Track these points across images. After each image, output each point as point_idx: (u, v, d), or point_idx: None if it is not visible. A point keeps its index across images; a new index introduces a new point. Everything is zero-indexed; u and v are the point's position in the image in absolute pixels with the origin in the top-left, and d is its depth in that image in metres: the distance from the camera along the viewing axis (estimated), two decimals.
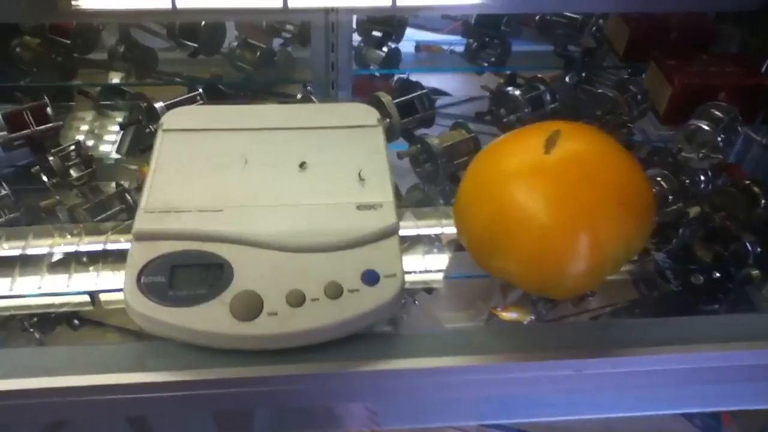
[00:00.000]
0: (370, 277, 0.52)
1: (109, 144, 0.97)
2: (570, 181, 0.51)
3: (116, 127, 0.97)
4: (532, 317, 0.88)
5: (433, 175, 0.87)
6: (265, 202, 0.56)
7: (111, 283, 0.73)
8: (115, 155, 0.94)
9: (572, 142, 0.53)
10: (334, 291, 0.52)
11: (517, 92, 0.96)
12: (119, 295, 0.74)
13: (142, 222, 0.54)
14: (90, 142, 0.97)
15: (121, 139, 0.98)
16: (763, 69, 1.05)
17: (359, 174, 0.59)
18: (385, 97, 0.91)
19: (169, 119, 0.64)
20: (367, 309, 0.51)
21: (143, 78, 1.06)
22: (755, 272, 0.84)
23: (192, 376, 0.51)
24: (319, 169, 0.60)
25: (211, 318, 0.50)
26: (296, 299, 0.51)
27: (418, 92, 0.95)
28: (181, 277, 0.52)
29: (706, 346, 0.53)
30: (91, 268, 0.75)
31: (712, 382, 0.57)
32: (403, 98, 0.93)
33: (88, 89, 1.04)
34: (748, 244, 0.84)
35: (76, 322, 0.83)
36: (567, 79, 1.20)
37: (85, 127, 1.01)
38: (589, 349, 0.53)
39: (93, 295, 0.80)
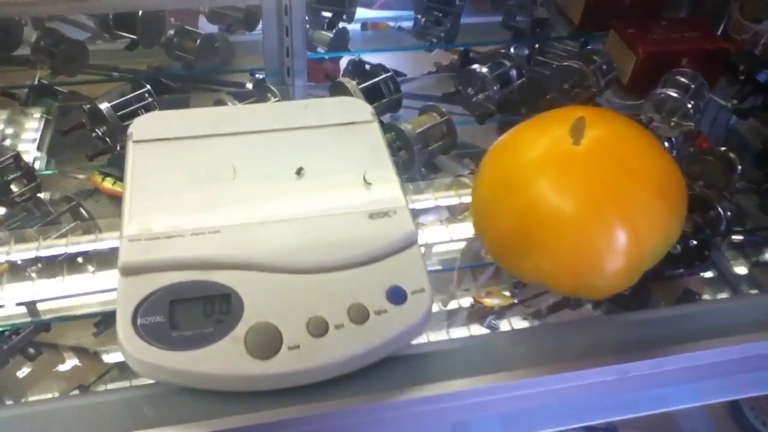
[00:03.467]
0: (397, 295, 0.47)
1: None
2: (604, 173, 0.48)
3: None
4: (515, 301, 0.85)
5: (408, 162, 0.82)
6: (265, 217, 0.50)
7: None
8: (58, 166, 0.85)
9: (598, 129, 0.49)
10: (360, 314, 0.46)
11: (484, 70, 0.91)
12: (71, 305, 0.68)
13: (128, 253, 0.47)
14: (24, 152, 0.86)
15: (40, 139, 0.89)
16: (719, 31, 1.04)
17: (364, 177, 0.53)
18: (350, 83, 0.85)
19: (138, 128, 0.56)
20: (398, 331, 0.46)
21: (74, 74, 0.96)
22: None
23: (206, 427, 0.44)
24: (318, 175, 0.53)
25: (225, 359, 0.44)
26: (318, 328, 0.45)
27: (383, 75, 0.89)
28: (183, 313, 0.45)
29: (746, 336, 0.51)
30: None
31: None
32: (369, 83, 0.88)
33: (15, 91, 0.93)
34: (720, 210, 0.84)
35: (31, 350, 0.76)
36: (512, 49, 1.17)
37: (10, 132, 0.90)
38: (631, 352, 0.50)
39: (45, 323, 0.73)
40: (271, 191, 0.52)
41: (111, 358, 0.82)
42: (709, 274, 0.90)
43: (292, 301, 0.46)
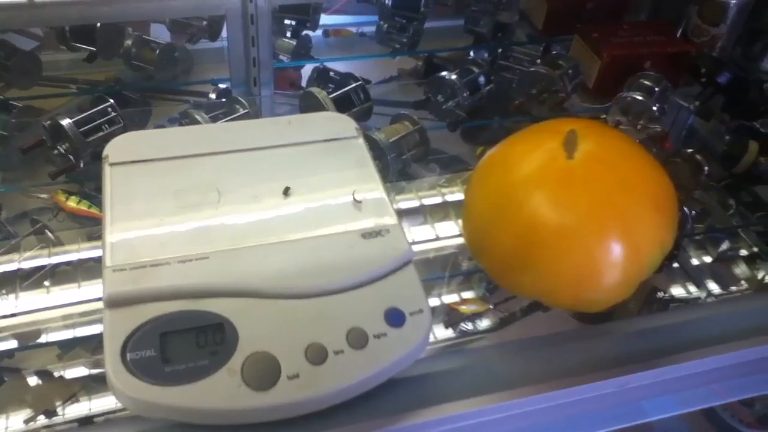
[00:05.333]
0: (396, 317, 0.46)
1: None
2: (601, 187, 0.47)
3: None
4: (491, 307, 0.85)
5: (383, 172, 0.81)
6: (255, 241, 0.48)
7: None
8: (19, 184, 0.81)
9: (591, 142, 0.49)
10: (359, 339, 0.45)
11: (454, 77, 0.91)
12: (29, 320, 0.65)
13: (112, 284, 0.44)
14: None
15: None
16: (678, 34, 1.06)
17: (353, 195, 0.52)
18: (320, 93, 0.84)
19: (114, 150, 0.53)
20: (399, 355, 0.45)
21: (27, 87, 0.92)
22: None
23: None
24: (307, 195, 0.52)
25: (221, 392, 0.42)
26: (317, 355, 0.44)
27: (353, 84, 0.88)
28: (175, 346, 0.43)
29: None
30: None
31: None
32: (339, 92, 0.86)
33: None
34: (686, 210, 0.85)
35: None
36: (471, 53, 1.17)
37: None
38: (630, 364, 0.49)
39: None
40: (259, 213, 0.50)
41: (76, 380, 0.79)
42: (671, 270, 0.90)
43: (289, 328, 0.44)
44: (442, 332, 0.80)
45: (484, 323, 0.83)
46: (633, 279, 0.48)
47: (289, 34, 1.03)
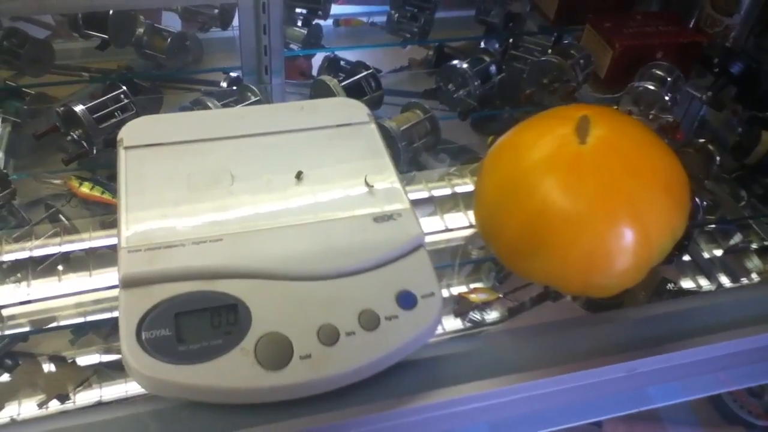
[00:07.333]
0: (407, 300, 0.46)
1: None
2: (613, 172, 0.47)
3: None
4: (501, 296, 0.85)
5: (393, 160, 0.81)
6: (268, 224, 0.48)
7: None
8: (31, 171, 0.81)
9: (603, 128, 0.49)
10: (370, 321, 0.45)
11: (465, 66, 0.91)
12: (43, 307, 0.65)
13: (128, 264, 0.45)
14: None
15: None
16: (691, 24, 1.06)
17: (365, 180, 0.52)
18: (331, 81, 0.84)
19: (128, 134, 0.54)
20: (410, 337, 0.45)
21: (40, 75, 0.92)
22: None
23: None
24: (319, 179, 0.52)
25: (235, 371, 0.42)
26: (329, 336, 0.44)
27: (364, 73, 0.88)
28: (189, 326, 0.43)
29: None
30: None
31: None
32: (350, 80, 0.86)
33: None
34: (698, 200, 0.84)
35: (8, 361, 0.74)
36: (482, 44, 1.17)
37: None
38: (639, 348, 0.50)
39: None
40: (272, 196, 0.50)
41: (89, 366, 0.80)
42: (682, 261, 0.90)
43: (301, 310, 0.45)
44: (451, 323, 0.80)
45: (493, 313, 0.83)
46: (643, 264, 0.48)
47: (300, 23, 1.03)
